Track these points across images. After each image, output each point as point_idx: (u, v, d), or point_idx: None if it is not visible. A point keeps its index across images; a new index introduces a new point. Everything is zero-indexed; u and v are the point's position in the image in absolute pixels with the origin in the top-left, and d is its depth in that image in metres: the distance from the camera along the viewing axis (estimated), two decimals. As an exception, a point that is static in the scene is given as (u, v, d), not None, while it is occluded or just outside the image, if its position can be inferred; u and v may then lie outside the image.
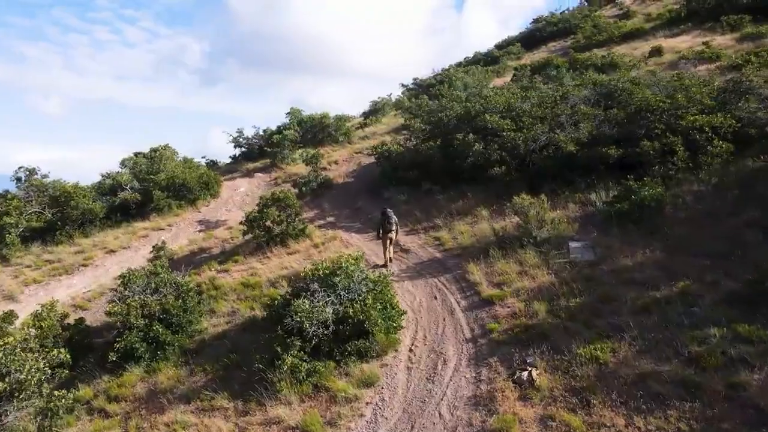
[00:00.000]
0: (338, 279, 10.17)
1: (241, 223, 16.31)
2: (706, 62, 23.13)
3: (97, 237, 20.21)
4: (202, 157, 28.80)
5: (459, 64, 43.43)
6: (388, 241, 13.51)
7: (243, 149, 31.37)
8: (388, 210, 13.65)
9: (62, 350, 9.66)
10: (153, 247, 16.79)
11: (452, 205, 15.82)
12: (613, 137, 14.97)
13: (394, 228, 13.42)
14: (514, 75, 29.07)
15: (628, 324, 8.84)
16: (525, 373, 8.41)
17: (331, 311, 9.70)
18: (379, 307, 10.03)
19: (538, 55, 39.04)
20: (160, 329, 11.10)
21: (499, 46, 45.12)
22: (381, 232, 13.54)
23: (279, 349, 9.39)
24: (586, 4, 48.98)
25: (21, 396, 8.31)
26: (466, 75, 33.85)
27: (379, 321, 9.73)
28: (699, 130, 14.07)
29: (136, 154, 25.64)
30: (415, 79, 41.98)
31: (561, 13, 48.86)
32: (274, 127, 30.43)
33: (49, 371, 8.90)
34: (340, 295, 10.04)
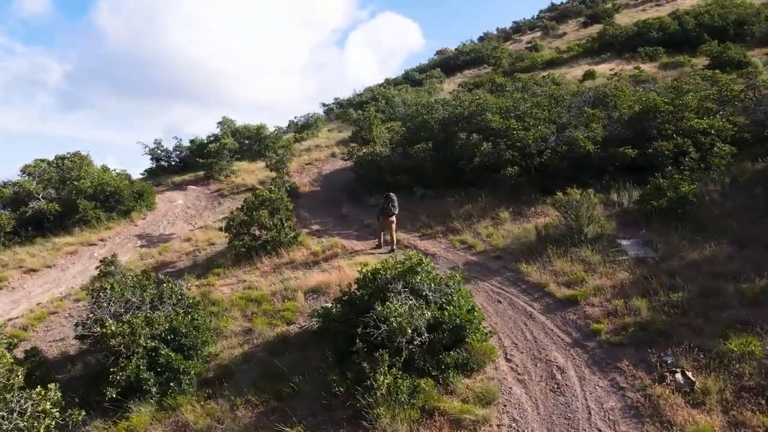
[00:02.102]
0: (418, 278, 8.36)
1: (220, 229, 13.70)
2: (644, 83, 24.31)
3: (3, 255, 16.26)
4: (113, 170, 25.04)
5: (380, 85, 43.09)
6: (392, 225, 13.28)
7: (162, 162, 28.17)
8: (392, 194, 13.28)
9: (52, 386, 6.78)
10: (101, 260, 13.54)
11: (460, 209, 14.49)
12: (622, 138, 14.69)
13: (396, 212, 13.28)
14: (459, 88, 28.86)
15: (756, 316, 8.02)
16: (678, 376, 7.20)
17: (427, 316, 7.83)
18: (467, 309, 8.35)
19: (459, 79, 39.62)
20: (171, 354, 8.46)
21: (420, 71, 45.49)
22: (382, 216, 13.27)
23: (365, 366, 7.34)
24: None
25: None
26: (400, 93, 33.31)
27: (481, 326, 8.06)
28: (703, 132, 14.24)
29: (41, 161, 21.59)
30: (336, 98, 41.57)
31: (472, 43, 50.84)
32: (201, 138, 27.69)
33: (58, 414, 6.08)
34: (426, 297, 8.22)
